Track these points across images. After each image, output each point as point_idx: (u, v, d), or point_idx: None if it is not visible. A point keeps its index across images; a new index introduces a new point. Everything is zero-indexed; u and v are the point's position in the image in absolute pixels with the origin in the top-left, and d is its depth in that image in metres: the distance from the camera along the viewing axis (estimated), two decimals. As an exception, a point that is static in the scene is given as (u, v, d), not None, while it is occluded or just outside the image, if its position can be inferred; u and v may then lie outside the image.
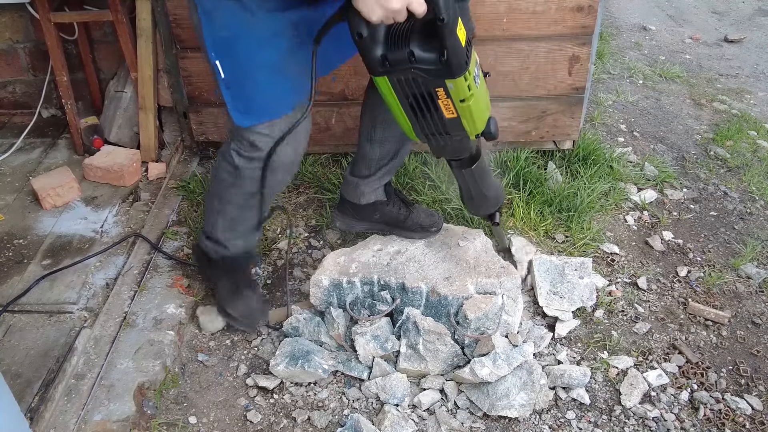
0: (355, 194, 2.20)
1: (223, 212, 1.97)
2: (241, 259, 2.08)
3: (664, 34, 4.45)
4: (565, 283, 2.18)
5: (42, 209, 2.56)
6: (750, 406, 1.93)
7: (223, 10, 1.56)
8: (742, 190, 2.82)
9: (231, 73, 1.64)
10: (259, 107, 1.70)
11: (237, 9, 1.55)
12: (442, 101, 1.55)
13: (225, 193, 1.92)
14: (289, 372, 1.95)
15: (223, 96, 1.69)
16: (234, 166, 1.83)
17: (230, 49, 1.62)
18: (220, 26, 1.59)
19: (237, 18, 1.56)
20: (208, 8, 1.58)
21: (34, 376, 1.89)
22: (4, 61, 3.02)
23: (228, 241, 2.03)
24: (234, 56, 1.62)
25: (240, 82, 1.66)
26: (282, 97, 1.70)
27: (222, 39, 1.60)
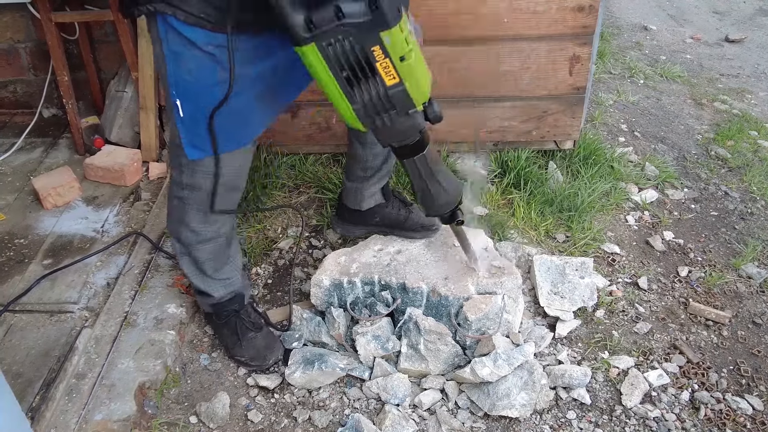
0: (356, 201, 2.20)
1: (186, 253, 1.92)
2: (231, 306, 2.02)
3: (665, 33, 4.44)
4: (566, 283, 2.18)
5: (43, 209, 2.56)
6: (751, 406, 1.93)
7: (192, 58, 1.50)
8: (743, 190, 2.82)
9: (190, 114, 1.60)
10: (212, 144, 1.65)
11: (207, 60, 1.50)
12: (381, 63, 1.39)
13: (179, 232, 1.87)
14: (306, 377, 1.94)
15: (177, 129, 1.65)
16: (179, 198, 1.80)
17: (193, 94, 1.57)
18: (186, 70, 1.53)
19: (205, 68, 1.51)
20: (175, 50, 1.51)
21: (35, 375, 1.89)
22: (5, 60, 3.02)
23: (208, 286, 1.98)
24: (196, 101, 1.57)
25: (198, 123, 1.60)
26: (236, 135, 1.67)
27: (186, 83, 1.55)
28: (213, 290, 1.98)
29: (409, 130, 1.59)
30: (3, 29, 2.93)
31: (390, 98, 1.45)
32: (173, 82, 1.56)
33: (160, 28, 1.48)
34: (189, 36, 1.46)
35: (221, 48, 1.47)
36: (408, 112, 1.51)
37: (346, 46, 1.35)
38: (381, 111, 1.48)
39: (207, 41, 1.47)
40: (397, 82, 1.43)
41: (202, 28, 1.45)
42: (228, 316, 2.02)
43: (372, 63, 1.39)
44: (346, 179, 2.19)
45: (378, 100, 1.45)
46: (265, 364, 2.01)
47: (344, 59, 1.38)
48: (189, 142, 1.65)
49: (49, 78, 2.96)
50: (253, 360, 2.00)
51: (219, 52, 1.48)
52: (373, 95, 1.44)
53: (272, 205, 2.60)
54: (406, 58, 1.39)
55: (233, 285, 2.01)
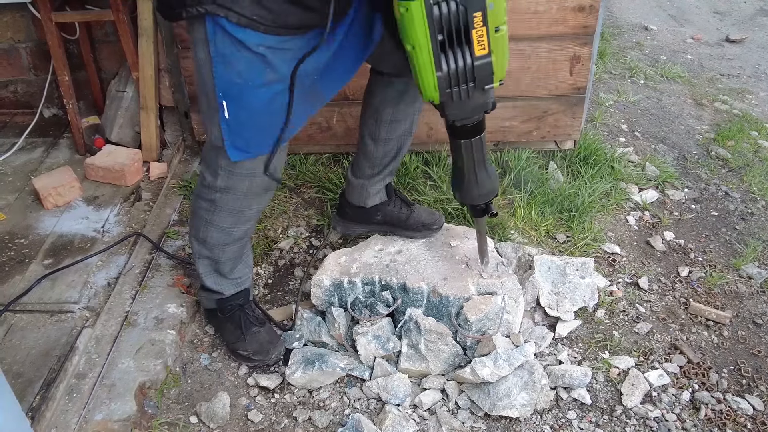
0: (361, 197, 2.20)
1: (207, 255, 1.94)
2: (238, 300, 2.03)
3: (665, 33, 4.44)
4: (566, 283, 2.18)
5: (43, 209, 2.56)
6: (751, 406, 1.93)
7: (241, 59, 1.51)
8: (744, 191, 2.82)
9: (235, 116, 1.61)
10: (257, 144, 1.69)
11: (257, 62, 1.51)
12: (477, 31, 1.41)
13: (207, 234, 1.89)
14: (307, 377, 1.94)
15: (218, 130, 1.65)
16: (210, 201, 1.81)
17: (241, 96, 1.58)
18: (235, 73, 1.53)
19: (256, 70, 1.53)
20: (223, 52, 1.51)
21: (35, 375, 1.89)
22: (6, 60, 3.02)
23: (221, 286, 1.99)
24: (243, 103, 1.59)
25: (243, 124, 1.63)
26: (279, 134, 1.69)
27: (234, 85, 1.56)
28: (225, 289, 1.99)
29: (479, 107, 1.59)
30: (3, 29, 2.93)
31: (475, 69, 1.47)
32: (220, 84, 1.56)
33: (209, 29, 1.48)
34: (240, 37, 1.47)
35: (272, 49, 1.49)
36: (484, 88, 1.52)
37: (452, 7, 1.37)
38: (462, 82, 1.49)
39: (258, 42, 1.48)
40: (486, 53, 1.45)
41: (254, 30, 1.46)
42: (232, 310, 2.02)
43: (469, 29, 1.40)
44: (353, 176, 2.19)
45: (463, 70, 1.46)
46: (267, 358, 2.00)
47: (446, 21, 1.38)
48: (232, 143, 1.66)
49: (49, 78, 2.96)
50: (256, 354, 2.00)
51: (270, 54, 1.50)
52: (460, 65, 1.45)
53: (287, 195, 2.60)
54: (500, 29, 1.42)
55: (244, 284, 2.03)
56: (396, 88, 1.96)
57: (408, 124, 2.05)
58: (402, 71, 1.87)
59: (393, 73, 1.92)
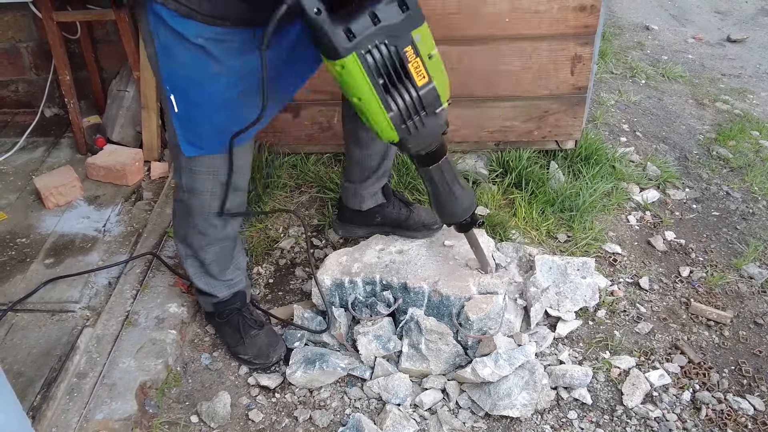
0: (355, 201, 2.20)
1: (191, 255, 1.93)
2: (234, 304, 2.02)
3: (666, 33, 4.44)
4: (567, 283, 2.18)
5: (45, 208, 2.56)
6: (752, 406, 1.93)
7: (183, 51, 1.49)
8: (745, 191, 2.81)
9: (184, 110, 1.60)
10: (210, 140, 1.66)
11: (199, 54, 1.49)
12: (412, 64, 1.46)
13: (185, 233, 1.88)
14: (308, 377, 1.94)
15: (173, 126, 1.65)
16: (181, 202, 1.80)
17: (187, 88, 1.56)
18: (178, 64, 1.52)
19: (198, 61, 1.50)
20: (165, 44, 1.50)
21: (36, 374, 1.89)
22: (7, 60, 3.03)
23: (212, 288, 1.98)
24: (189, 96, 1.57)
25: (193, 119, 1.62)
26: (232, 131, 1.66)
27: (179, 77, 1.55)
28: (217, 291, 1.99)
29: (436, 130, 1.63)
30: (5, 29, 2.93)
31: (422, 99, 1.52)
32: (166, 76, 1.55)
33: (150, 20, 1.47)
34: (179, 29, 1.45)
35: (212, 41, 1.47)
36: (436, 112, 1.57)
37: (382, 51, 1.42)
38: (413, 114, 1.54)
39: (197, 33, 1.46)
40: (427, 81, 1.51)
41: (192, 19, 1.44)
42: (230, 314, 2.02)
43: (405, 64, 1.46)
44: (346, 180, 2.19)
45: (411, 102, 1.52)
46: (268, 362, 2.00)
47: (381, 64, 1.44)
48: (185, 138, 1.65)
49: (50, 77, 2.96)
50: (257, 358, 2.00)
51: (210, 45, 1.48)
52: (407, 99, 1.51)
53: (273, 207, 2.59)
54: (432, 55, 1.49)
55: (237, 285, 2.02)
56: None
57: None
58: None
59: None
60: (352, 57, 1.39)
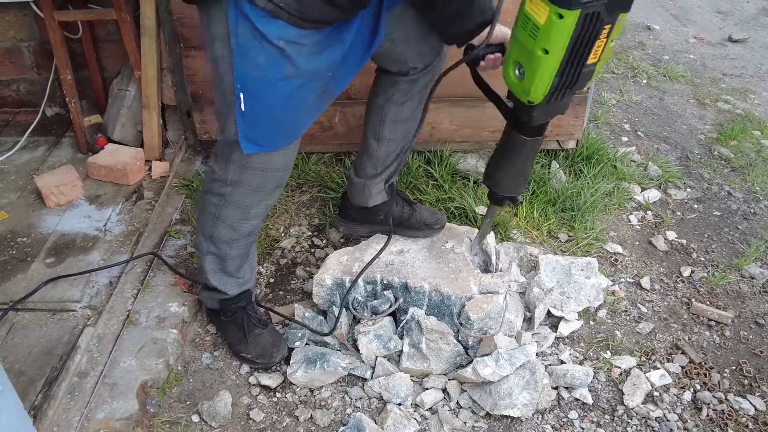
0: (362, 197, 2.20)
1: (214, 251, 1.94)
2: (240, 302, 2.03)
3: (668, 33, 4.44)
4: (572, 284, 2.18)
5: (46, 207, 2.56)
6: (753, 406, 1.93)
7: (261, 52, 1.50)
8: (746, 190, 2.81)
9: (252, 109, 1.60)
10: (271, 139, 1.70)
11: (277, 55, 1.50)
12: (600, 42, 1.45)
13: (214, 229, 1.89)
14: (308, 376, 1.94)
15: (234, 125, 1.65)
16: (220, 195, 1.82)
17: (260, 89, 1.58)
18: (255, 65, 1.52)
19: (275, 63, 1.52)
20: (244, 44, 1.50)
21: (37, 374, 1.89)
22: (9, 59, 3.03)
23: (224, 285, 1.99)
24: (260, 97, 1.59)
25: (259, 117, 1.63)
26: (291, 132, 1.74)
27: (254, 78, 1.55)
28: (228, 288, 1.99)
29: (562, 108, 1.63)
30: (6, 28, 2.93)
31: (581, 75, 1.50)
32: (238, 76, 1.55)
33: (231, 18, 1.47)
34: (261, 28, 1.46)
35: (291, 43, 1.49)
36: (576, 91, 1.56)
37: (595, 20, 1.38)
38: (566, 86, 1.52)
39: (278, 35, 1.47)
40: (595, 62, 1.49)
41: (278, 18, 1.44)
42: (235, 312, 2.02)
43: (595, 40, 1.43)
44: (355, 175, 2.19)
45: (572, 75, 1.50)
46: (271, 362, 2.00)
47: (587, 32, 1.40)
48: (246, 136, 1.66)
49: (52, 77, 2.96)
50: (260, 357, 2.00)
51: (289, 48, 1.49)
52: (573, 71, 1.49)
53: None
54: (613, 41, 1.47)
55: (247, 284, 2.03)
56: (401, 88, 1.96)
57: (412, 124, 2.04)
58: (409, 69, 1.90)
59: (401, 72, 1.92)
60: (576, 13, 1.36)
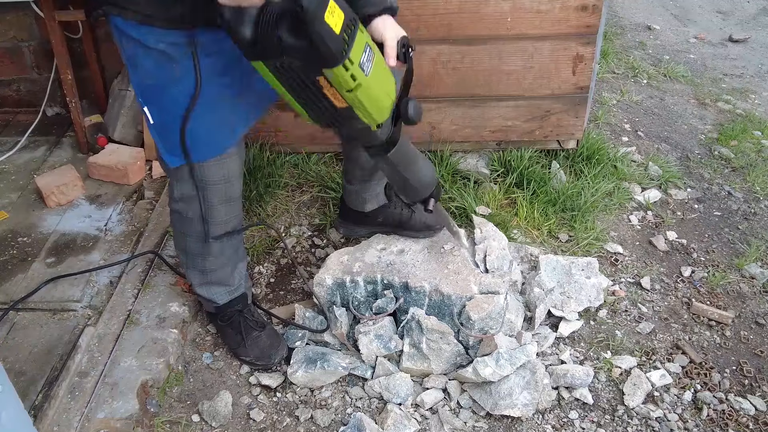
0: (358, 203, 2.20)
1: (192, 265, 1.92)
2: (235, 306, 2.02)
3: (668, 33, 4.43)
4: (572, 284, 2.18)
5: (46, 207, 2.56)
6: (753, 406, 1.93)
7: (146, 59, 1.49)
8: (747, 190, 2.81)
9: (159, 119, 1.58)
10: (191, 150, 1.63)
11: (161, 59, 1.48)
12: (327, 90, 1.40)
13: (184, 244, 1.87)
14: (309, 376, 1.94)
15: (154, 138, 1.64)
16: (176, 212, 1.79)
17: (157, 97, 1.55)
18: (145, 74, 1.52)
19: (163, 67, 1.49)
20: (130, 54, 1.49)
21: (37, 373, 1.89)
22: (9, 59, 3.03)
23: (210, 291, 1.97)
24: (161, 104, 1.56)
25: (169, 128, 1.59)
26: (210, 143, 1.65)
27: (147, 86, 1.54)
28: (217, 298, 1.98)
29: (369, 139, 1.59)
30: (7, 28, 2.93)
31: (340, 116, 1.47)
32: (137, 88, 1.54)
33: (114, 32, 1.47)
34: (138, 36, 1.45)
35: (173, 45, 1.46)
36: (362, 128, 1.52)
37: (291, 71, 1.36)
38: (333, 123, 1.50)
39: (157, 39, 1.45)
40: (346, 107, 1.44)
41: (151, 25, 1.43)
42: (231, 316, 2.02)
43: (320, 89, 1.40)
44: (347, 183, 2.19)
45: (329, 115, 1.47)
46: (270, 363, 2.00)
47: (292, 80, 1.38)
48: (165, 149, 1.63)
49: (52, 76, 2.96)
50: (258, 360, 2.00)
51: (171, 49, 1.47)
52: (327, 112, 1.45)
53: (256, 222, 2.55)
54: (354, 90, 1.39)
55: (238, 290, 2.01)
56: None
57: None
58: None
59: None
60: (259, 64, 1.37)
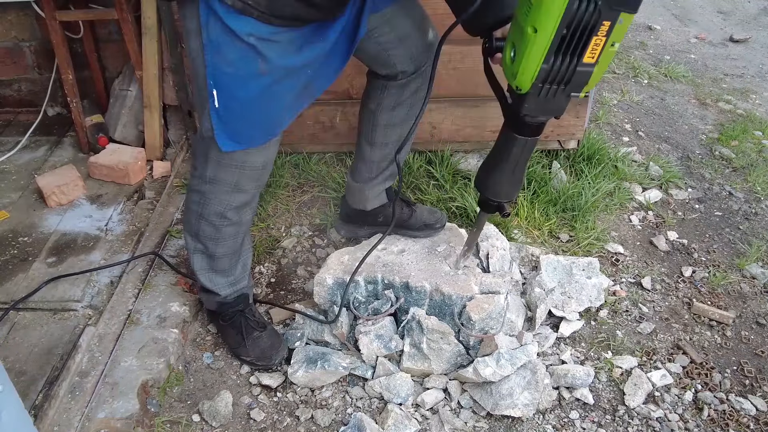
0: (360, 200, 2.20)
1: (201, 250, 1.92)
2: (237, 306, 2.03)
3: (669, 33, 4.43)
4: (573, 284, 2.18)
5: (47, 207, 2.56)
6: (754, 406, 1.93)
7: (233, 48, 1.48)
8: (747, 190, 2.81)
9: (225, 105, 1.59)
10: (248, 136, 1.68)
11: (249, 52, 1.48)
12: (597, 39, 1.39)
13: (198, 227, 1.88)
14: (309, 376, 1.94)
15: (209, 121, 1.64)
16: (201, 193, 1.80)
17: (232, 86, 1.56)
18: (226, 62, 1.51)
19: (247, 61, 1.50)
20: (216, 40, 1.48)
21: (38, 373, 1.89)
22: (10, 59, 3.03)
23: (213, 281, 1.97)
24: (234, 94, 1.57)
25: (233, 115, 1.62)
26: (269, 130, 1.70)
27: (224, 74, 1.54)
28: (220, 289, 1.98)
29: (555, 110, 1.57)
30: (8, 28, 2.94)
31: (575, 74, 1.45)
32: (211, 71, 1.53)
33: (202, 14, 1.45)
34: (231, 25, 1.44)
35: (262, 41, 1.47)
36: (571, 94, 1.51)
37: (590, 7, 1.34)
38: (557, 81, 1.47)
39: (249, 32, 1.45)
40: (592, 63, 1.44)
41: (247, 15, 1.42)
42: (233, 316, 2.02)
43: (592, 35, 1.38)
44: (352, 179, 2.19)
45: (565, 71, 1.45)
46: (270, 364, 2.00)
47: (579, 18, 1.36)
48: (221, 133, 1.65)
49: (53, 76, 2.96)
50: (259, 360, 2.00)
51: (260, 44, 1.47)
52: (565, 64, 1.44)
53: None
54: (615, 45, 1.41)
55: (239, 284, 2.01)
56: (391, 93, 1.94)
57: (405, 128, 2.01)
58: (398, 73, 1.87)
59: (390, 76, 1.90)
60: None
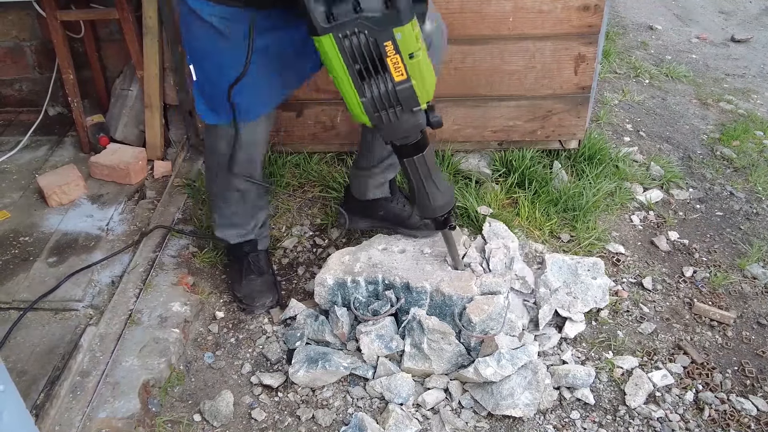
0: (360, 189, 2.23)
1: (215, 205, 2.16)
2: (244, 248, 2.19)
3: (670, 33, 4.43)
4: (578, 284, 2.17)
5: (48, 207, 2.57)
6: (755, 407, 1.93)
7: (198, 26, 1.66)
8: (749, 191, 2.81)
9: (200, 79, 1.80)
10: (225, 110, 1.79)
11: (211, 30, 1.64)
12: (391, 59, 1.49)
13: (211, 185, 2.15)
14: (310, 376, 1.94)
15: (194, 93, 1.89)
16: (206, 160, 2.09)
17: (201, 59, 1.76)
18: (194, 37, 1.72)
19: (209, 37, 1.67)
20: (186, 19, 1.69)
21: (39, 373, 1.89)
22: (11, 59, 3.03)
23: (224, 232, 2.18)
24: (203, 67, 1.77)
25: (208, 87, 1.81)
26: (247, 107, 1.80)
27: (194, 48, 1.75)
28: (229, 239, 2.19)
29: (412, 128, 1.66)
30: (8, 27, 2.94)
31: (397, 94, 1.54)
32: (187, 48, 1.78)
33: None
34: (193, 6, 1.62)
35: (222, 19, 1.62)
36: (412, 110, 1.60)
37: (361, 39, 1.45)
38: (387, 106, 1.57)
39: (209, 12, 1.61)
40: (405, 79, 1.52)
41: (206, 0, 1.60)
42: (239, 255, 2.20)
43: (383, 58, 1.48)
44: (354, 167, 2.24)
45: (386, 94, 1.54)
46: (251, 305, 2.16)
47: (358, 52, 1.47)
48: (203, 104, 1.85)
49: (54, 76, 2.97)
50: (245, 298, 2.17)
51: (220, 23, 1.63)
52: (382, 90, 1.53)
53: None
54: (414, 56, 1.49)
55: (249, 235, 2.19)
56: None
57: None
58: None
59: None
60: (328, 38, 1.45)
